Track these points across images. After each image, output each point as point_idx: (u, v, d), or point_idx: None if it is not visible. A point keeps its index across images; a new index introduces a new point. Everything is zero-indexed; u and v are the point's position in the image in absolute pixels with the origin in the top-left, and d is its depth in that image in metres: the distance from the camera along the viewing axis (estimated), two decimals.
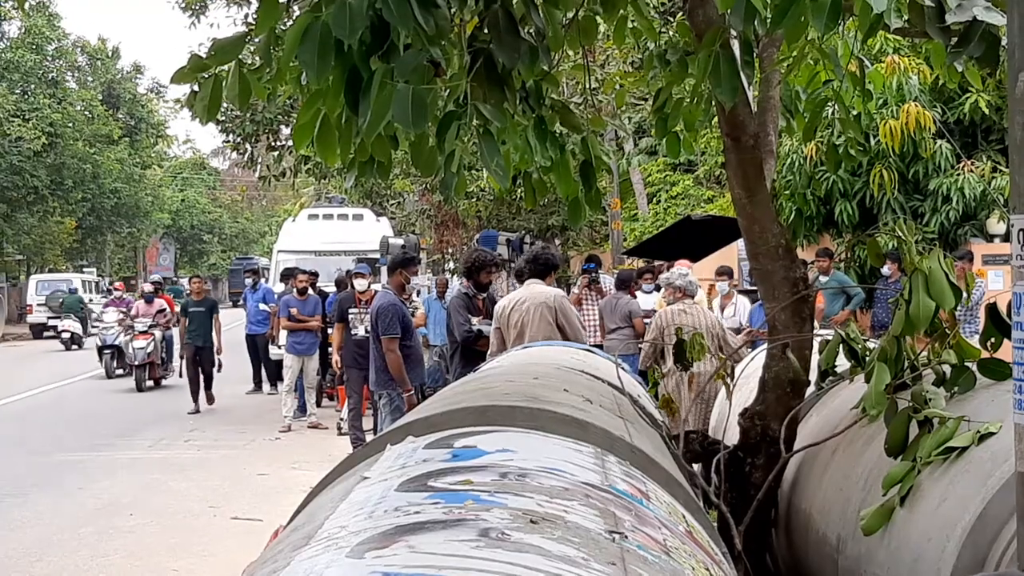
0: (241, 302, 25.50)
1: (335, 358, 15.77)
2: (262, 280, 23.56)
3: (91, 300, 45.08)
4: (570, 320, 10.08)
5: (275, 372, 21.55)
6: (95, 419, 19.14)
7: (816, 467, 4.63)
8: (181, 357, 20.29)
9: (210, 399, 20.12)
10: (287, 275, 20.26)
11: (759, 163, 4.99)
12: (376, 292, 13.22)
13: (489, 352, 10.01)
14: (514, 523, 2.12)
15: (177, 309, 22.73)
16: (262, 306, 21.82)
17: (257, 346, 22.15)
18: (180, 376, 20.28)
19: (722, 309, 15.54)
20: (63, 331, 38.84)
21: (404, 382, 11.03)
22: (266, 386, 22.34)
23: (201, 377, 19.96)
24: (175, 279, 78.28)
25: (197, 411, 19.47)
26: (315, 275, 19.50)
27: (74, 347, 38.06)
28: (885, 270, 14.12)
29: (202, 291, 20.72)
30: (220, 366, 20.38)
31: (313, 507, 2.93)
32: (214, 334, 20.12)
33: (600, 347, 13.49)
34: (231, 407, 20.28)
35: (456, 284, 21.02)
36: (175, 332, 22.18)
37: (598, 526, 2.25)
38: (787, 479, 4.96)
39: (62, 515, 11.54)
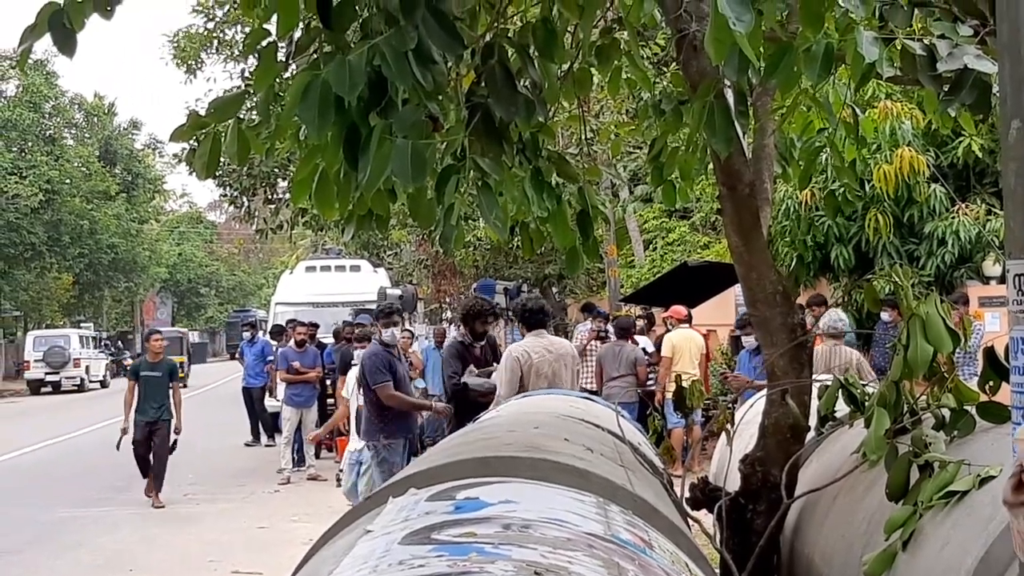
0: (238, 355, 25.26)
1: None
2: (260, 333, 23.50)
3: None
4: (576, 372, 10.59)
5: (271, 424, 21.45)
6: (93, 474, 19.07)
7: (818, 513, 4.63)
8: (123, 432, 15.70)
9: (158, 490, 15.75)
10: (278, 332, 20.24)
11: (755, 211, 5.02)
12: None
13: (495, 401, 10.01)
14: (519, 575, 2.12)
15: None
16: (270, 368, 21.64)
17: (253, 399, 22.04)
18: (117, 449, 15.76)
19: None
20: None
21: (421, 407, 11.71)
22: (264, 438, 22.21)
23: (152, 461, 15.81)
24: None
25: (155, 497, 15.73)
26: (315, 327, 19.52)
27: None
28: (885, 316, 14.09)
29: (161, 351, 16.24)
30: (175, 446, 15.95)
31: (316, 562, 2.93)
32: (172, 406, 15.90)
33: (598, 394, 13.52)
34: (229, 460, 20.21)
35: (453, 332, 21.08)
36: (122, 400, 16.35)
37: None
38: (789, 525, 4.95)
39: (60, 572, 11.48)
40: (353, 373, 12.22)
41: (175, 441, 15.85)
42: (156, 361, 15.89)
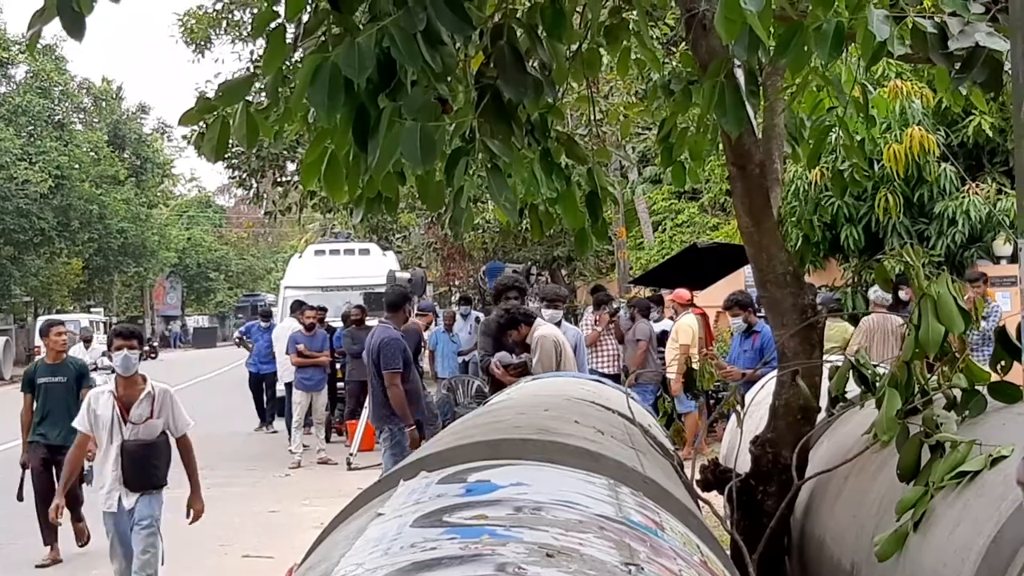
0: (238, 338, 24.70)
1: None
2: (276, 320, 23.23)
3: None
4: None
5: (280, 409, 21.39)
6: None
7: (829, 494, 4.63)
8: (23, 467, 11.54)
9: (80, 533, 11.53)
10: (298, 306, 20.05)
11: (765, 191, 5.01)
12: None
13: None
14: (530, 557, 2.12)
15: None
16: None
17: (264, 385, 21.75)
18: (20, 500, 11.56)
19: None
20: None
21: (407, 416, 11.01)
22: (278, 423, 21.87)
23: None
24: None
25: (49, 562, 11.26)
26: (323, 310, 19.50)
27: None
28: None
29: (63, 349, 11.99)
30: (90, 476, 10.28)
31: (328, 544, 2.93)
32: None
33: (616, 377, 13.61)
34: (239, 445, 20.24)
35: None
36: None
37: (614, 558, 2.25)
38: (800, 506, 4.95)
39: (71, 556, 11.50)
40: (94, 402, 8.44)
41: (90, 469, 10.14)
42: (57, 363, 11.68)
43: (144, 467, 8.46)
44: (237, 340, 25.77)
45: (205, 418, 21.41)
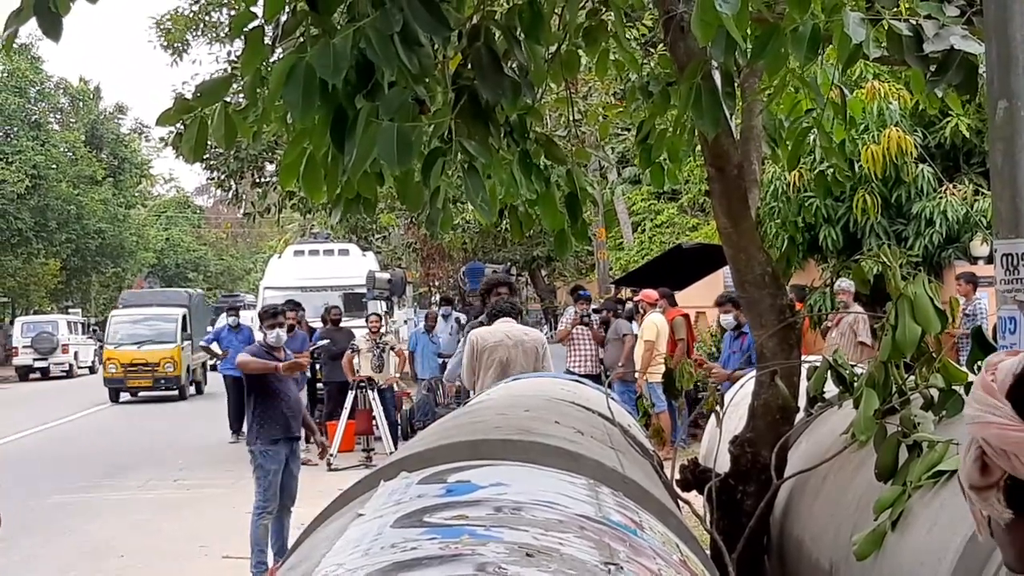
0: (203, 346, 23.81)
1: None
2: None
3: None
4: (548, 365, 10.16)
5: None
6: (82, 461, 19.01)
7: (807, 493, 4.64)
8: None
9: None
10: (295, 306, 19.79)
11: (743, 192, 5.02)
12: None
13: (461, 384, 9.94)
14: (510, 557, 2.12)
15: None
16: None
17: (241, 389, 20.93)
18: None
19: None
20: None
21: (268, 368, 11.05)
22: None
23: None
24: None
25: None
26: (300, 309, 19.40)
27: None
28: None
29: None
30: None
31: (308, 545, 2.93)
32: None
33: (595, 377, 13.60)
34: (218, 446, 20.17)
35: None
36: None
37: (593, 558, 2.26)
38: (779, 506, 4.97)
39: (50, 559, 11.47)
40: None
41: None
42: None
43: None
44: (202, 347, 24.61)
45: (184, 420, 21.47)
